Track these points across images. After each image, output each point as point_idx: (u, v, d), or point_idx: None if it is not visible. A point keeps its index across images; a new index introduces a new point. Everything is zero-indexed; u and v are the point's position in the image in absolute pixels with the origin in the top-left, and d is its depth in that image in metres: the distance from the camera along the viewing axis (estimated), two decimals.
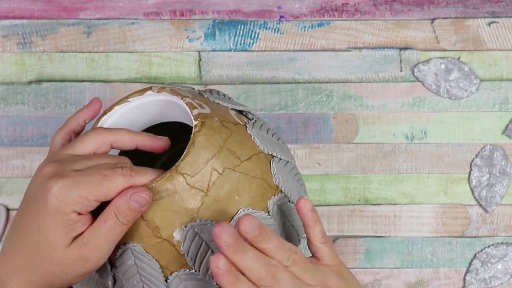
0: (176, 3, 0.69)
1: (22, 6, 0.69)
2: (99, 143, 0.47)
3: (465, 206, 0.67)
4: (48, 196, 0.43)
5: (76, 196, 0.43)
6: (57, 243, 0.44)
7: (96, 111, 0.53)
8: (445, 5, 0.69)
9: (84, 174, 0.44)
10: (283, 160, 0.51)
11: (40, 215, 0.43)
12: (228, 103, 0.52)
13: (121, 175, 0.44)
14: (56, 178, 0.43)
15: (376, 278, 0.67)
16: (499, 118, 0.68)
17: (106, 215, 0.44)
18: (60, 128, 0.52)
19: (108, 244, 0.44)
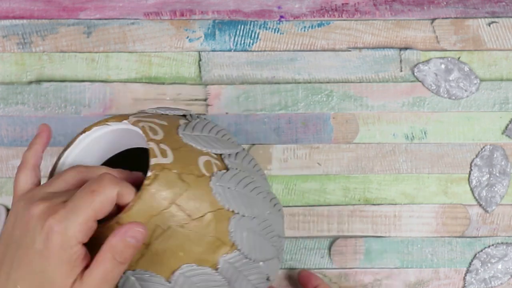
0: (176, 3, 0.69)
1: (22, 6, 0.69)
2: (80, 181, 0.46)
3: (465, 206, 0.67)
4: (51, 236, 0.41)
5: (76, 225, 0.41)
6: (61, 284, 0.42)
7: (48, 138, 0.51)
8: (445, 5, 0.69)
9: (74, 200, 0.42)
10: (247, 217, 0.48)
11: (43, 255, 0.42)
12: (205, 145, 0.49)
13: (108, 183, 0.43)
14: (51, 215, 0.42)
15: (376, 278, 0.67)
16: (499, 118, 0.68)
17: (102, 257, 0.42)
18: (21, 166, 0.49)
19: (108, 286, 0.43)
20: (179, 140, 0.48)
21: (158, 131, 0.48)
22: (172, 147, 0.47)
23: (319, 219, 0.67)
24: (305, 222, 0.67)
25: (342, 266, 0.67)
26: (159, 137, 0.47)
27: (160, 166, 0.45)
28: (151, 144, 0.46)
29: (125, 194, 0.44)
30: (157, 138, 0.47)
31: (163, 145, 0.46)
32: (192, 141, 0.48)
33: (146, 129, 0.47)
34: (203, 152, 0.48)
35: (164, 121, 0.49)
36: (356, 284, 0.67)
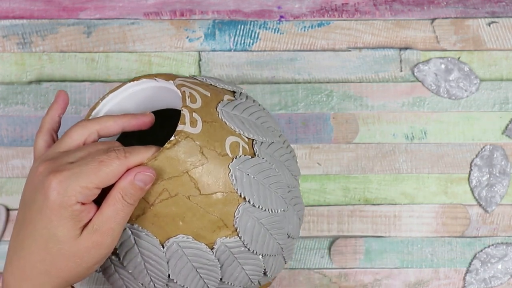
0: (176, 3, 0.69)
1: (22, 6, 0.69)
2: (86, 134, 0.48)
3: (465, 206, 0.67)
4: (49, 193, 0.43)
5: (77, 187, 0.43)
6: (67, 236, 0.44)
7: (65, 103, 0.53)
8: (445, 5, 0.69)
9: (80, 164, 0.44)
10: (257, 208, 0.48)
11: (44, 214, 0.43)
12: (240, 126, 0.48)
13: (116, 158, 0.44)
14: (53, 173, 0.43)
15: (376, 278, 0.67)
16: (499, 118, 0.68)
17: (113, 198, 0.44)
18: (38, 132, 0.51)
19: (118, 226, 0.44)
20: (215, 114, 0.48)
21: (197, 99, 0.48)
22: (204, 119, 0.47)
23: (319, 219, 0.67)
24: (305, 222, 0.67)
25: (342, 266, 0.67)
26: (196, 106, 0.47)
27: (184, 134, 0.45)
28: (184, 110, 0.46)
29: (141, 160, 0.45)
30: (193, 106, 0.47)
31: (196, 115, 0.47)
32: (227, 119, 0.48)
33: (185, 95, 0.47)
34: (234, 132, 0.48)
35: (209, 91, 0.49)
36: (356, 284, 0.67)
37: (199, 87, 0.49)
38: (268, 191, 0.49)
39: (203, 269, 0.48)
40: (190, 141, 0.45)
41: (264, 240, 0.49)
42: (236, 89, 0.53)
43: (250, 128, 0.49)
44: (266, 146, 0.50)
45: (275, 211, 0.49)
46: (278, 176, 0.50)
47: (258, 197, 0.48)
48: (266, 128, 0.51)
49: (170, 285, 0.49)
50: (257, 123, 0.50)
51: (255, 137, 0.49)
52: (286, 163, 0.52)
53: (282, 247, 0.52)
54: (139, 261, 0.47)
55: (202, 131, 0.46)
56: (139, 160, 0.45)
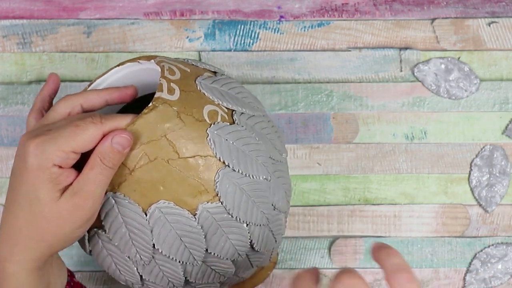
0: (176, 3, 0.69)
1: (22, 6, 0.69)
2: (70, 107, 0.49)
3: (465, 206, 0.67)
4: (27, 156, 0.44)
5: (53, 150, 0.44)
6: (47, 198, 0.44)
7: (57, 84, 0.56)
8: (445, 5, 0.69)
9: (57, 129, 0.45)
10: (237, 173, 0.48)
11: (24, 177, 0.44)
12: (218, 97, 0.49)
13: (91, 123, 0.45)
14: (31, 139, 0.44)
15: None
16: (499, 118, 0.68)
17: (92, 162, 0.45)
18: (30, 111, 0.54)
19: (98, 188, 0.45)
20: (193, 85, 0.49)
21: (176, 72, 0.49)
22: (182, 89, 0.48)
23: (319, 219, 0.67)
24: (305, 222, 0.67)
25: (342, 266, 0.67)
26: (174, 78, 0.48)
27: (162, 100, 0.46)
28: (162, 80, 0.47)
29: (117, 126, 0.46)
30: (171, 77, 0.48)
31: (174, 85, 0.47)
32: (206, 90, 0.49)
33: (164, 68, 0.48)
34: (213, 102, 0.49)
35: (188, 68, 0.50)
36: None
37: (180, 64, 0.50)
38: (248, 158, 0.48)
39: (187, 237, 0.48)
40: (167, 106, 0.46)
41: (247, 207, 0.49)
42: (218, 71, 0.53)
43: (229, 99, 0.50)
44: (246, 117, 0.50)
45: (257, 177, 0.49)
46: (259, 144, 0.49)
47: (238, 162, 0.48)
48: (246, 103, 0.51)
49: (156, 257, 0.49)
50: (238, 97, 0.51)
51: (234, 108, 0.49)
52: (268, 136, 0.51)
53: (268, 218, 0.51)
54: (123, 231, 0.48)
55: (180, 99, 0.47)
56: (115, 126, 0.45)
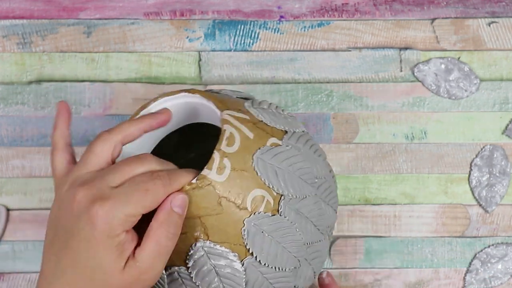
0: (176, 3, 0.69)
1: (22, 6, 0.69)
2: (111, 148, 0.46)
3: (465, 206, 0.67)
4: (96, 222, 0.42)
5: (123, 216, 0.42)
6: (112, 268, 0.43)
7: (69, 113, 0.51)
8: (445, 5, 0.69)
9: (126, 192, 0.43)
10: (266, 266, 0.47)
11: (91, 243, 0.42)
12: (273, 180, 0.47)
13: (161, 186, 0.43)
14: (98, 201, 0.42)
15: (376, 278, 0.67)
16: (499, 118, 0.68)
17: (154, 232, 0.43)
18: (53, 150, 0.49)
19: (161, 261, 0.44)
20: (249, 162, 0.46)
21: (235, 142, 0.46)
22: (234, 167, 0.45)
23: None
24: None
25: (342, 266, 0.67)
26: (231, 150, 0.46)
27: (207, 181, 0.44)
28: (215, 154, 0.45)
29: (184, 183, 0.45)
30: (227, 150, 0.46)
31: (227, 161, 0.45)
32: (261, 169, 0.46)
33: (224, 135, 0.46)
34: (263, 185, 0.46)
35: (254, 132, 0.48)
36: (356, 284, 0.67)
37: (245, 125, 0.47)
38: (280, 249, 0.48)
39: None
40: (210, 188, 0.45)
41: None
42: (289, 128, 0.50)
43: (282, 182, 0.47)
44: (294, 202, 0.48)
45: (283, 269, 0.48)
46: (296, 235, 0.48)
47: (266, 254, 0.47)
48: (303, 181, 0.49)
49: None
50: (294, 175, 0.48)
51: (284, 193, 0.47)
52: (314, 219, 0.50)
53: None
54: None
55: (227, 180, 0.45)
56: (181, 185, 0.44)
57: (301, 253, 0.49)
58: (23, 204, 0.67)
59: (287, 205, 0.47)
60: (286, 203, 0.47)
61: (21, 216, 0.67)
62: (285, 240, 0.48)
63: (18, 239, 0.67)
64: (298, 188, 0.48)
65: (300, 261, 0.49)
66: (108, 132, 0.47)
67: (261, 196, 0.46)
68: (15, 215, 0.67)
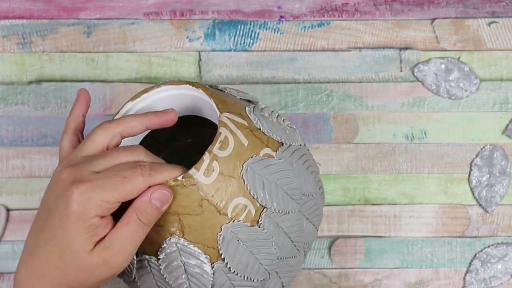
0: (176, 3, 0.69)
1: (22, 6, 0.69)
2: (110, 137, 0.47)
3: (465, 206, 0.67)
4: (70, 203, 0.43)
5: (98, 200, 0.43)
6: (80, 249, 0.43)
7: (88, 102, 0.52)
8: (445, 5, 0.69)
9: (104, 177, 0.43)
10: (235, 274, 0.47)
11: (63, 222, 0.43)
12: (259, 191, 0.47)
13: (140, 175, 0.44)
14: (76, 183, 0.43)
15: (376, 278, 0.67)
16: (499, 118, 0.68)
17: (128, 217, 0.44)
18: (63, 132, 0.51)
19: (131, 247, 0.44)
20: (238, 169, 0.46)
21: (229, 147, 0.46)
22: (221, 171, 0.45)
23: None
24: None
25: (342, 266, 0.67)
26: (223, 154, 0.46)
27: (192, 181, 0.45)
28: (206, 155, 0.45)
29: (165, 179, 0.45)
30: (218, 154, 0.45)
31: (216, 164, 0.45)
32: (249, 178, 0.46)
33: (218, 138, 0.46)
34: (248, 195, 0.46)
35: (249, 140, 0.47)
36: (356, 284, 0.67)
37: (242, 131, 0.47)
38: (252, 260, 0.48)
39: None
40: (194, 188, 0.45)
41: None
42: (286, 141, 0.50)
43: (268, 194, 0.47)
44: (277, 216, 0.48)
45: (252, 280, 0.48)
46: (271, 248, 0.48)
47: (238, 263, 0.47)
48: (289, 196, 0.48)
49: None
50: (281, 190, 0.48)
51: (268, 205, 0.47)
52: (292, 235, 0.50)
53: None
54: None
55: (213, 183, 0.45)
56: (162, 179, 0.44)
57: (273, 267, 0.49)
58: (23, 204, 0.67)
59: (267, 218, 0.47)
60: (268, 216, 0.47)
61: (21, 216, 0.67)
62: (259, 252, 0.48)
63: (18, 239, 0.67)
64: (282, 203, 0.48)
65: (270, 274, 0.49)
66: (109, 122, 0.48)
67: (244, 205, 0.46)
68: (15, 215, 0.67)
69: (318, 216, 0.53)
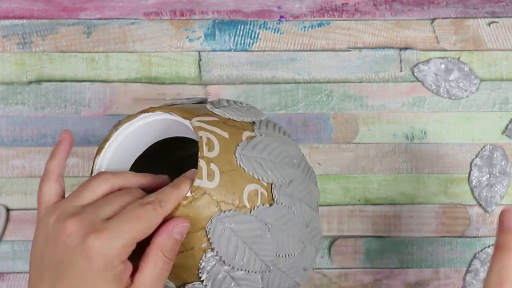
0: (176, 3, 0.69)
1: (22, 6, 0.69)
2: (108, 188, 0.46)
3: (465, 206, 0.67)
4: (92, 256, 0.41)
5: (120, 247, 0.41)
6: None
7: (71, 144, 0.50)
8: (445, 5, 0.69)
9: (119, 221, 0.42)
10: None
11: (87, 277, 0.41)
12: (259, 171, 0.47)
13: (153, 210, 0.43)
14: (92, 234, 0.41)
15: (376, 278, 0.67)
16: (499, 118, 0.68)
17: (153, 257, 0.43)
18: (44, 177, 0.48)
19: (161, 284, 0.43)
20: (233, 161, 0.46)
21: (215, 146, 0.46)
22: (222, 169, 0.45)
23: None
24: None
25: (342, 266, 0.67)
26: (213, 154, 0.46)
27: (202, 190, 0.44)
28: (201, 162, 0.45)
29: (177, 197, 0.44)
30: (210, 156, 0.45)
31: (214, 165, 0.45)
32: (246, 164, 0.47)
33: (203, 142, 0.46)
34: (253, 179, 0.47)
35: (227, 131, 0.48)
36: (356, 284, 0.67)
37: (217, 126, 0.47)
38: (285, 236, 0.48)
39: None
40: (207, 197, 0.45)
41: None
42: (256, 118, 0.51)
43: (269, 170, 0.48)
44: (285, 187, 0.49)
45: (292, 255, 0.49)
46: (296, 219, 0.49)
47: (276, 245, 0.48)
48: (285, 165, 0.49)
49: None
50: (277, 162, 0.49)
51: (274, 181, 0.48)
52: (306, 199, 0.51)
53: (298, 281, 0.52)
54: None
55: (220, 185, 0.45)
56: (173, 205, 0.44)
57: (304, 235, 0.50)
58: (23, 204, 0.67)
59: (279, 193, 0.48)
60: (278, 190, 0.48)
61: (21, 216, 0.67)
62: (288, 226, 0.48)
63: (18, 239, 0.67)
64: (284, 173, 0.49)
65: (305, 243, 0.50)
66: (111, 174, 0.46)
67: (255, 190, 0.47)
68: (15, 215, 0.67)
69: (313, 173, 0.54)
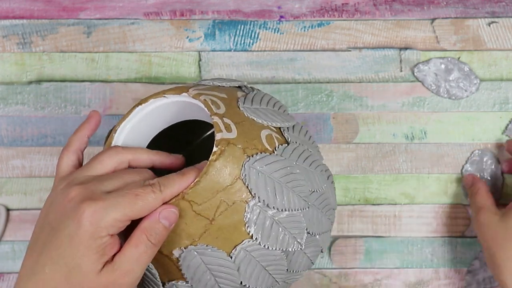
0: (176, 3, 0.69)
1: (22, 6, 0.69)
2: (118, 162, 0.47)
3: (465, 206, 0.67)
4: (82, 221, 0.42)
5: (111, 219, 0.42)
6: (89, 269, 0.42)
7: (97, 125, 0.52)
8: (445, 5, 0.69)
9: (116, 196, 0.43)
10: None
11: (73, 241, 0.42)
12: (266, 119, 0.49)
13: (151, 192, 0.43)
14: (87, 201, 0.42)
15: (376, 278, 0.67)
16: (499, 118, 0.68)
17: (137, 238, 0.43)
18: (64, 149, 0.50)
19: (140, 268, 0.44)
20: (241, 114, 0.48)
21: (219, 104, 0.47)
22: (235, 121, 0.46)
23: None
24: None
25: (342, 266, 0.67)
26: (222, 111, 0.46)
27: (225, 141, 0.45)
28: (215, 118, 0.45)
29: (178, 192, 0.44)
30: (220, 112, 0.46)
31: (227, 120, 0.46)
32: (253, 115, 0.48)
33: (208, 103, 0.46)
34: (264, 126, 0.48)
35: (223, 93, 0.49)
36: (356, 284, 0.67)
37: (213, 91, 0.48)
38: (311, 173, 0.49)
39: (272, 266, 0.48)
40: (232, 146, 0.45)
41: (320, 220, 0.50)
42: (240, 83, 0.53)
43: (273, 117, 0.49)
44: (292, 131, 0.50)
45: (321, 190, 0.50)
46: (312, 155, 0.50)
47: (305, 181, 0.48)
48: (283, 113, 0.51)
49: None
50: (276, 110, 0.51)
51: (281, 125, 0.49)
52: (310, 140, 0.53)
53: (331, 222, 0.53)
54: (208, 278, 0.47)
55: (239, 133, 0.46)
56: (175, 192, 0.44)
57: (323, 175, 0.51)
58: (23, 204, 0.67)
59: (288, 134, 0.49)
60: (288, 132, 0.50)
61: (21, 216, 0.67)
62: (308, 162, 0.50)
63: (18, 239, 0.67)
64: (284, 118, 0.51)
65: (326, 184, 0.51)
66: (122, 148, 0.48)
67: (269, 135, 0.48)
68: (15, 215, 0.67)
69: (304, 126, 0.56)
